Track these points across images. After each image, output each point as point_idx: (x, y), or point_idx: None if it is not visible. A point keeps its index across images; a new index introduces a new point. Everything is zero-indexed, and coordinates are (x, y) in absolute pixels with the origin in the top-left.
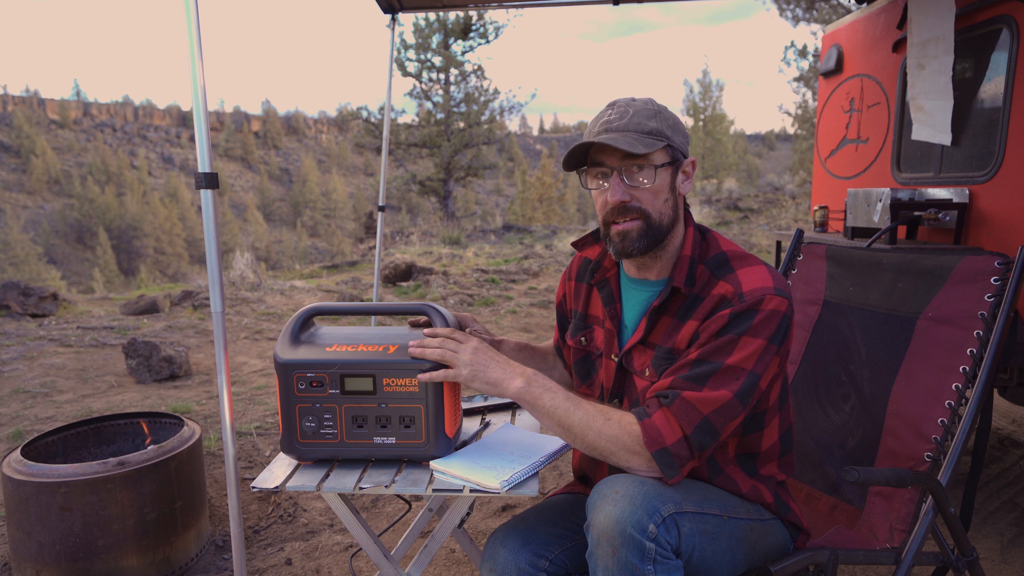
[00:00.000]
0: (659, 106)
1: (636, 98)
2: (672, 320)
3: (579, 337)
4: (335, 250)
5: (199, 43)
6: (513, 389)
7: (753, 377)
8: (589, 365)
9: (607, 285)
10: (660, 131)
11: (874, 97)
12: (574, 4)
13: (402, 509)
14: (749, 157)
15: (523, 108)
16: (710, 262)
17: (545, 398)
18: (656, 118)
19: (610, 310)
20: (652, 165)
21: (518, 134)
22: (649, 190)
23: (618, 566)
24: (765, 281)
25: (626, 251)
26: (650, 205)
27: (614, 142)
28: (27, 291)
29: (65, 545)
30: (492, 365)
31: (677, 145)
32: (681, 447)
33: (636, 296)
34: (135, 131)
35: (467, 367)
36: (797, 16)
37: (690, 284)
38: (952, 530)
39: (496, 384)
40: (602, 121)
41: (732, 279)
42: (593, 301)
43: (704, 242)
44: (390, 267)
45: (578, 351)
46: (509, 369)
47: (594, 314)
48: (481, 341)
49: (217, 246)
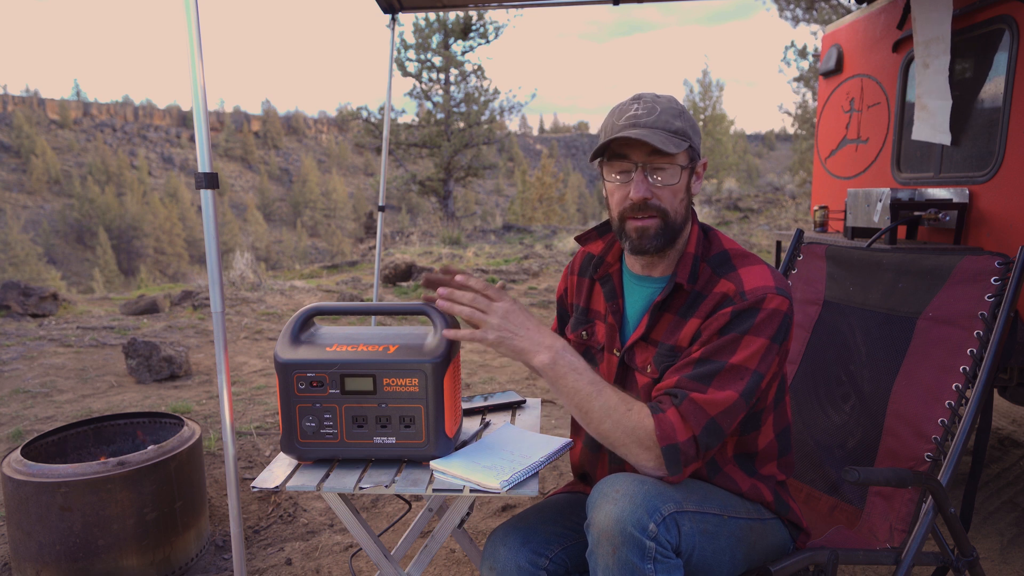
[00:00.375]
0: (681, 105)
1: (660, 95)
2: (674, 317)
3: (580, 331)
4: (335, 250)
5: (199, 43)
6: (537, 362)
7: (757, 377)
8: (590, 359)
9: (610, 280)
10: (685, 131)
11: (874, 97)
12: (574, 4)
13: (402, 509)
14: (749, 157)
15: (523, 108)
16: (712, 260)
17: (569, 378)
18: (681, 117)
19: (612, 305)
20: (677, 165)
21: (518, 134)
22: (671, 189)
23: (618, 565)
24: (767, 280)
25: (643, 248)
26: (669, 204)
27: (648, 138)
28: (27, 291)
29: (65, 545)
30: (521, 332)
31: (696, 146)
32: (690, 446)
33: (639, 292)
34: (135, 131)
35: (495, 331)
36: (797, 16)
37: (693, 281)
38: (952, 530)
39: (521, 353)
40: (629, 115)
41: (734, 277)
42: (595, 296)
43: (707, 240)
44: (390, 267)
45: (579, 345)
46: (538, 338)
47: (596, 309)
48: (514, 302)
49: (217, 246)
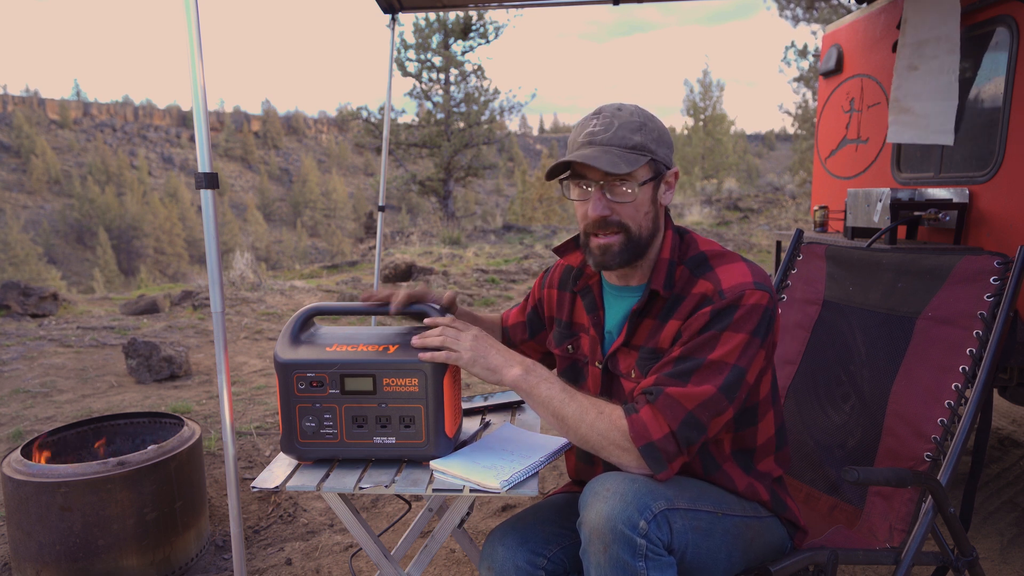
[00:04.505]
0: (644, 117)
1: (624, 105)
2: (654, 321)
3: (565, 345)
4: (335, 250)
5: (199, 43)
6: (511, 376)
7: (737, 371)
8: (577, 372)
9: (589, 292)
10: (644, 145)
11: (874, 97)
12: (574, 4)
13: (402, 509)
14: (749, 157)
15: (523, 108)
16: (689, 262)
17: (542, 388)
18: (641, 131)
19: (593, 317)
20: (635, 181)
21: (518, 134)
22: (631, 205)
23: (610, 563)
24: (744, 276)
25: (605, 264)
26: (631, 219)
27: (594, 162)
28: (27, 291)
29: (65, 545)
30: (492, 351)
31: (661, 158)
32: (668, 442)
33: (618, 303)
34: (135, 131)
35: (468, 351)
36: (797, 16)
37: (669, 287)
38: (952, 530)
39: (495, 370)
40: (586, 131)
41: (711, 277)
42: (577, 309)
43: (683, 243)
44: (390, 267)
45: (564, 359)
46: (508, 357)
47: (579, 322)
48: (480, 330)
49: (217, 246)
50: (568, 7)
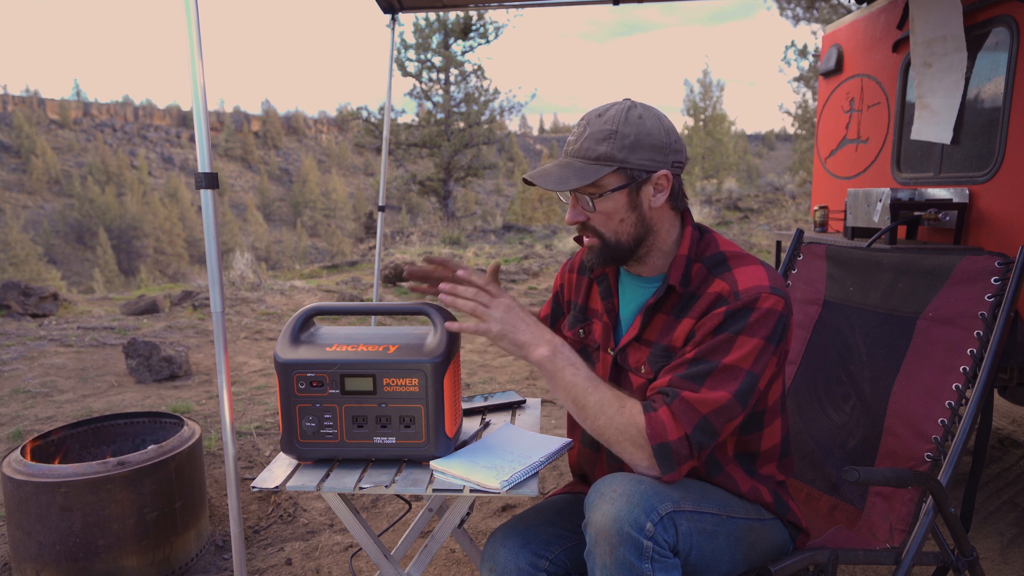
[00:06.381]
0: (617, 125)
1: (607, 109)
2: (668, 317)
3: (577, 329)
4: (335, 250)
5: (199, 43)
6: (537, 355)
7: (751, 377)
8: (586, 357)
9: (605, 279)
10: (609, 155)
11: (874, 97)
12: (574, 4)
13: (402, 509)
14: (749, 157)
15: (523, 108)
16: (707, 261)
17: (567, 372)
18: (608, 140)
19: (607, 304)
20: (603, 190)
21: (518, 134)
22: (600, 214)
23: (616, 565)
24: (761, 280)
25: (591, 264)
26: (603, 227)
27: (539, 180)
28: (27, 291)
29: (65, 545)
30: (522, 326)
31: (635, 164)
32: (682, 445)
33: (633, 292)
34: (135, 131)
35: (498, 323)
36: (797, 16)
37: (685, 283)
38: (952, 530)
39: (522, 347)
40: (568, 139)
41: (728, 277)
42: (593, 295)
43: (702, 241)
44: (390, 267)
45: (575, 343)
46: (538, 334)
47: (593, 307)
48: (514, 299)
49: (217, 246)
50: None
